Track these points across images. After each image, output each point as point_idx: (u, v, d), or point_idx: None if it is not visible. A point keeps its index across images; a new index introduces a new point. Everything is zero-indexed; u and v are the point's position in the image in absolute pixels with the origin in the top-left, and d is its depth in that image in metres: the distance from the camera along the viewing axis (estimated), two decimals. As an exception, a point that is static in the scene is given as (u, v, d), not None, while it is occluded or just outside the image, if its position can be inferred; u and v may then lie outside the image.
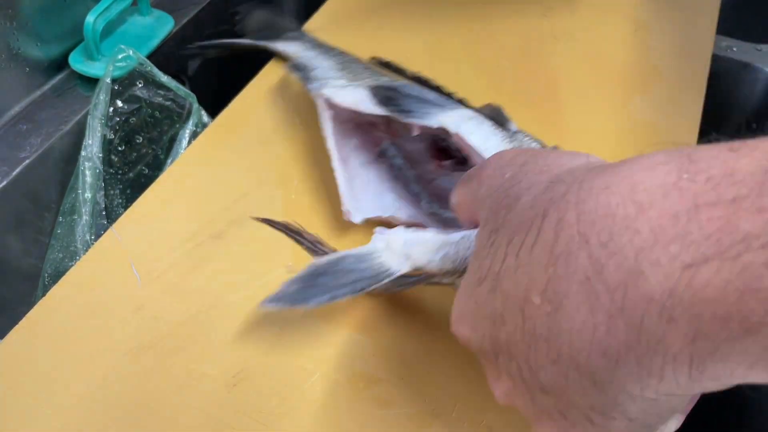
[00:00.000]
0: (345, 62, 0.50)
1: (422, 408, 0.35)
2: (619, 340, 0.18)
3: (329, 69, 0.49)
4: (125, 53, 0.51)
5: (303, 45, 0.54)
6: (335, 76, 0.48)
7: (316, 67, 0.50)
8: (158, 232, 0.43)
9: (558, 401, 0.21)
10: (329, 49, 0.53)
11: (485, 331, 0.23)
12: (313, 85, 0.47)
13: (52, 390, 0.35)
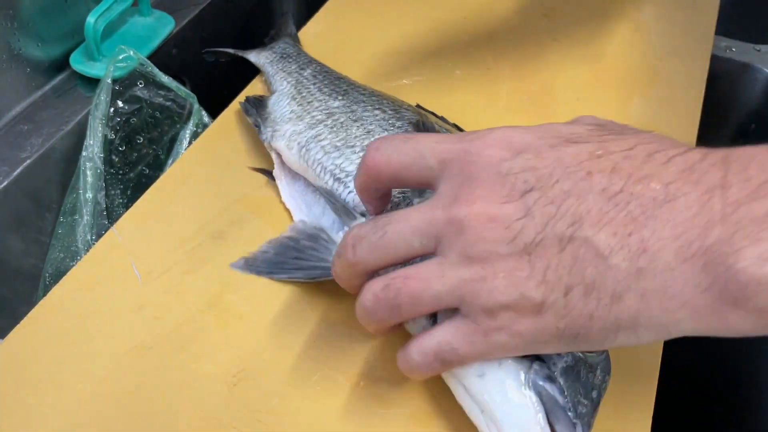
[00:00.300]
0: (300, 88, 0.49)
1: (422, 408, 0.35)
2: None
3: (280, 101, 0.48)
4: (126, 54, 0.52)
5: (271, 55, 0.54)
6: (282, 116, 0.47)
7: (267, 105, 0.49)
8: (159, 232, 0.43)
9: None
10: (292, 64, 0.52)
11: (535, 165, 0.26)
12: (263, 136, 0.47)
13: (52, 390, 0.35)
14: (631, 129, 0.27)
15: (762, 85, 0.62)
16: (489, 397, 0.29)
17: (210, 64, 0.66)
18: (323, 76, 0.50)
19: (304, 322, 0.38)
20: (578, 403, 0.29)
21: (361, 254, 0.29)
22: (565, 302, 0.25)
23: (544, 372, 0.29)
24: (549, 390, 0.29)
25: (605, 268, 0.24)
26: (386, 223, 0.28)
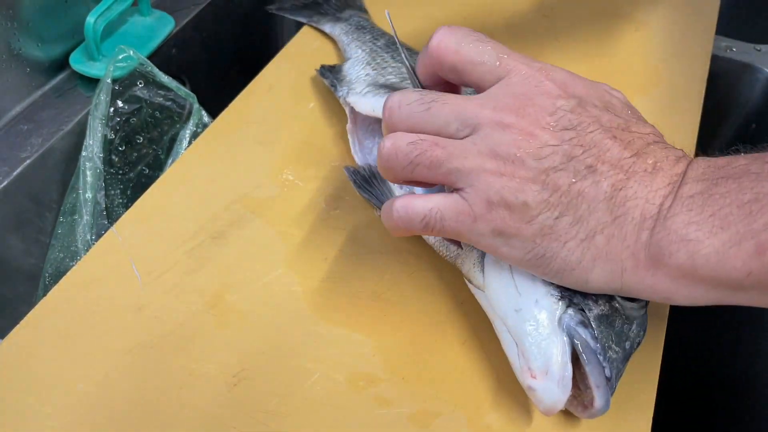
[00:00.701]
0: (374, 55, 0.52)
1: (422, 408, 0.35)
2: None
3: (355, 66, 0.52)
4: (126, 53, 0.52)
5: (346, 27, 0.57)
6: (358, 77, 0.50)
7: (342, 70, 0.52)
8: (159, 232, 0.43)
9: None
10: (366, 35, 0.55)
11: (581, 113, 0.31)
12: (339, 93, 0.50)
13: (52, 390, 0.35)
14: (644, 122, 0.33)
15: (762, 85, 0.62)
16: (522, 330, 0.32)
17: (209, 63, 0.66)
18: (395, 46, 0.53)
19: (304, 322, 0.38)
20: (608, 349, 0.32)
21: (399, 117, 0.32)
22: (553, 223, 0.30)
23: (578, 317, 0.32)
24: (582, 334, 0.31)
25: (596, 208, 0.29)
26: (433, 99, 0.32)
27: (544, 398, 0.31)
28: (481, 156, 0.30)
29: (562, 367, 0.31)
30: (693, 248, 0.28)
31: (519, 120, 0.30)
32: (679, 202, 0.28)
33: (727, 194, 0.27)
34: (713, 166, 0.29)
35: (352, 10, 0.60)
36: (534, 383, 0.31)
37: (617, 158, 0.30)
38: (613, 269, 0.30)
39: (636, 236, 0.29)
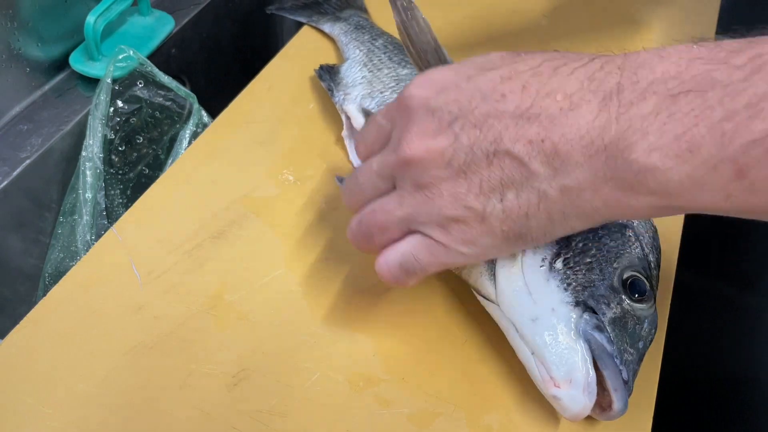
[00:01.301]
0: (371, 56, 0.52)
1: (422, 408, 0.35)
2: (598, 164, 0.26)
3: (352, 68, 0.52)
4: (126, 53, 0.52)
5: (345, 26, 0.57)
6: (354, 81, 0.50)
7: (339, 71, 0.52)
8: (159, 232, 0.43)
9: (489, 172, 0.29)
10: (365, 34, 0.55)
11: (456, 98, 0.29)
12: (335, 98, 0.50)
13: (52, 390, 0.35)
14: (541, 52, 0.30)
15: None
16: (540, 340, 0.32)
17: (209, 63, 0.66)
18: (393, 46, 0.53)
19: (304, 322, 0.38)
20: (624, 351, 0.32)
21: (347, 200, 0.35)
22: (502, 207, 0.29)
23: (593, 322, 0.32)
24: (598, 338, 0.31)
25: (528, 172, 0.28)
26: (358, 173, 0.34)
27: (571, 406, 0.31)
28: (410, 196, 0.31)
29: (585, 374, 0.31)
30: (662, 177, 0.25)
31: (411, 146, 0.30)
32: (626, 127, 0.25)
33: (691, 112, 0.24)
34: (662, 77, 0.25)
35: (352, 9, 0.60)
36: (558, 392, 0.31)
37: (518, 114, 0.28)
38: (586, 213, 0.28)
39: (592, 176, 0.27)
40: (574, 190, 0.27)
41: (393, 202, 0.32)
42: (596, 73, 0.27)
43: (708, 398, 0.61)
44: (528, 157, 0.28)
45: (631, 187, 0.26)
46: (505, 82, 0.28)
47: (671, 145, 0.24)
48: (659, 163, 0.25)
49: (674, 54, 0.25)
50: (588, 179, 0.27)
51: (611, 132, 0.26)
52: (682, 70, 0.25)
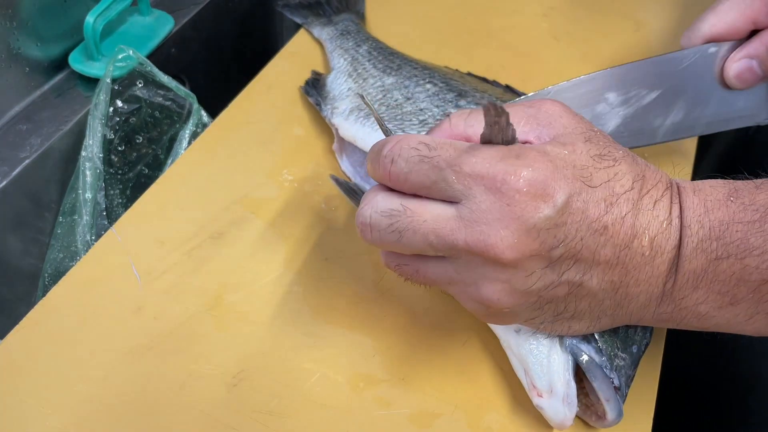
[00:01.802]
0: (356, 65, 0.51)
1: (422, 409, 0.35)
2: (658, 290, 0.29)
3: (338, 78, 0.51)
4: (125, 53, 0.51)
5: (332, 32, 0.56)
6: (341, 93, 0.49)
7: (326, 83, 0.51)
8: (158, 232, 0.43)
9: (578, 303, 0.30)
10: (349, 41, 0.54)
11: (564, 221, 0.28)
12: (324, 112, 0.49)
13: (52, 390, 0.35)
14: (613, 153, 0.30)
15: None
16: (524, 350, 0.33)
17: (209, 63, 0.66)
18: (378, 52, 0.52)
19: (304, 323, 0.38)
20: (615, 357, 0.32)
21: (373, 240, 0.30)
22: (553, 319, 0.30)
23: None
24: (585, 350, 0.32)
25: (597, 302, 0.30)
26: (401, 228, 0.29)
27: (552, 416, 0.32)
28: (466, 285, 0.29)
29: (565, 385, 0.31)
30: (704, 321, 0.30)
31: (498, 253, 0.27)
32: (683, 281, 0.29)
33: (733, 275, 0.28)
34: (709, 235, 0.28)
35: (348, 13, 0.59)
36: (541, 402, 0.32)
37: (612, 253, 0.28)
38: (618, 324, 0.32)
39: (642, 310, 0.30)
40: (624, 318, 0.31)
41: (442, 276, 0.30)
42: (665, 223, 0.29)
43: (708, 398, 0.61)
44: (602, 295, 0.29)
45: (672, 321, 0.31)
46: (608, 208, 0.28)
47: (716, 300, 0.29)
48: (704, 311, 0.29)
49: (716, 208, 0.29)
50: (639, 313, 0.30)
51: (671, 282, 0.29)
52: (724, 231, 0.28)
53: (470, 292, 0.30)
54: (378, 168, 0.30)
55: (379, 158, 0.29)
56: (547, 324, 0.31)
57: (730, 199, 0.29)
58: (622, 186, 0.29)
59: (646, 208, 0.29)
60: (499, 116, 0.28)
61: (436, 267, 0.30)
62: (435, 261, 0.30)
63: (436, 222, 0.28)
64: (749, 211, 0.28)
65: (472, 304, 0.30)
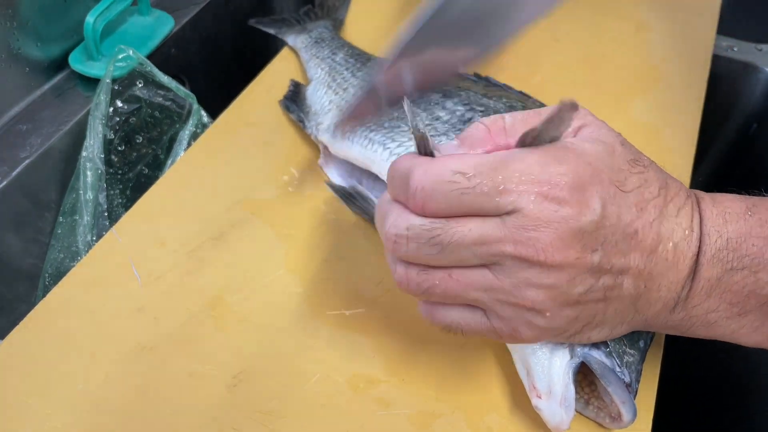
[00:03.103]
0: (334, 75, 0.50)
1: (422, 409, 0.35)
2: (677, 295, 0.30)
3: (317, 91, 0.50)
4: (125, 53, 0.51)
5: (306, 40, 0.55)
6: (322, 107, 0.48)
7: (306, 96, 0.50)
8: (159, 233, 0.43)
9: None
10: (324, 49, 0.53)
11: (603, 224, 0.28)
12: (308, 130, 0.48)
13: (52, 390, 0.35)
14: (643, 159, 0.31)
15: (764, 85, 0.62)
16: (528, 350, 0.33)
17: (209, 63, 0.66)
18: (355, 59, 0.51)
19: (304, 323, 0.38)
20: (624, 354, 0.32)
21: (406, 252, 0.29)
22: (581, 329, 0.30)
23: None
24: (596, 356, 0.32)
25: (623, 308, 0.30)
26: (444, 241, 0.28)
27: (550, 418, 0.32)
28: (507, 293, 0.28)
29: (564, 387, 0.31)
30: (713, 331, 0.31)
31: (547, 256, 0.27)
32: (698, 289, 0.30)
33: (746, 287, 0.29)
34: (726, 245, 0.29)
35: (325, 20, 0.58)
36: (539, 403, 0.32)
37: (643, 256, 0.29)
38: (629, 330, 0.32)
39: (656, 317, 0.31)
40: (639, 325, 0.31)
41: (480, 282, 0.29)
42: (687, 230, 0.30)
43: (708, 398, 0.61)
44: (631, 299, 0.30)
45: (681, 328, 0.31)
46: (639, 213, 0.29)
47: (726, 310, 0.30)
48: (713, 319, 0.30)
49: (734, 221, 0.30)
50: (653, 319, 0.31)
51: (686, 290, 0.30)
52: (741, 243, 0.29)
53: (510, 299, 0.29)
54: (407, 199, 0.28)
55: (408, 191, 0.28)
56: (571, 335, 0.31)
57: (748, 213, 0.30)
58: (651, 193, 0.29)
59: (670, 215, 0.29)
60: (570, 116, 0.28)
61: (472, 272, 0.29)
62: (472, 268, 0.29)
63: (481, 231, 0.28)
64: (766, 227, 0.29)
65: (504, 321, 0.29)
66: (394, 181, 0.29)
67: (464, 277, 0.29)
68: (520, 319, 0.29)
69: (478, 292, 0.29)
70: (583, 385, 0.34)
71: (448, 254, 0.28)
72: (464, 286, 0.29)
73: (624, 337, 0.33)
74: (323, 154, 0.47)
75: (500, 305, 0.29)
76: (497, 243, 0.27)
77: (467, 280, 0.29)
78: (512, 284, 0.28)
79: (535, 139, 0.28)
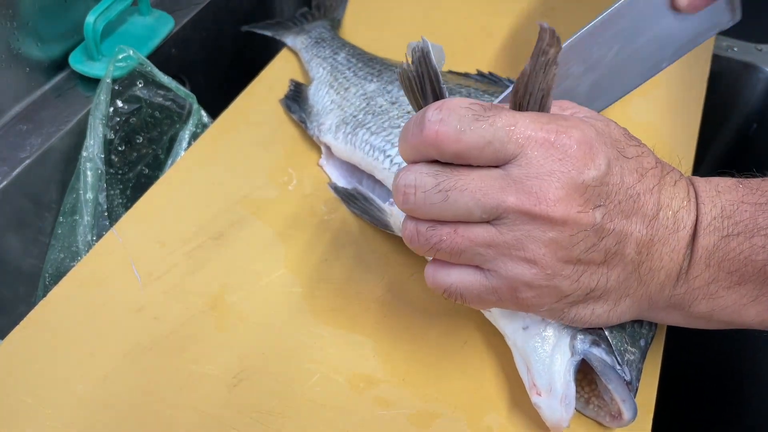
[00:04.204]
0: (336, 74, 0.50)
1: (422, 409, 0.35)
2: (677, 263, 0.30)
3: (319, 91, 0.50)
4: (125, 53, 0.51)
5: (306, 40, 0.55)
6: (324, 107, 0.48)
7: (308, 97, 0.50)
8: (159, 233, 0.43)
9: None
10: (326, 49, 0.53)
11: (606, 182, 0.28)
12: (310, 131, 0.48)
13: (52, 390, 0.35)
14: (637, 139, 0.32)
15: (763, 84, 0.62)
16: (529, 348, 0.33)
17: (209, 63, 0.66)
18: (356, 59, 0.51)
19: (304, 322, 0.38)
20: (625, 352, 0.32)
21: (415, 204, 0.29)
22: (584, 298, 0.30)
23: (589, 338, 0.32)
24: (596, 353, 0.32)
25: (625, 276, 0.30)
26: (449, 187, 0.28)
27: (549, 415, 0.32)
28: (509, 247, 0.29)
29: (564, 385, 0.31)
30: (714, 303, 0.30)
31: (549, 207, 0.27)
32: (696, 258, 0.30)
33: (741, 253, 0.29)
34: (720, 213, 0.30)
35: (322, 20, 0.58)
36: (539, 400, 0.32)
37: (644, 222, 0.29)
38: (632, 314, 0.32)
39: (660, 292, 0.31)
40: (641, 299, 0.31)
41: (484, 236, 0.29)
42: (684, 200, 0.30)
43: (708, 398, 0.61)
44: (633, 265, 0.30)
45: (680, 305, 0.31)
46: (640, 179, 0.29)
47: (725, 279, 0.30)
48: (713, 290, 0.30)
49: (726, 192, 0.31)
50: (656, 294, 0.31)
51: (687, 260, 0.30)
52: (734, 211, 0.30)
53: (512, 252, 0.29)
54: (421, 131, 0.28)
55: (423, 121, 0.28)
56: (573, 307, 0.30)
57: (739, 185, 0.31)
58: (648, 163, 0.30)
59: (668, 184, 0.30)
60: (551, 46, 0.28)
61: (477, 228, 0.29)
62: (476, 224, 0.29)
63: (484, 180, 0.28)
64: (757, 194, 0.30)
65: (504, 280, 0.29)
66: (408, 126, 0.29)
67: (469, 232, 0.29)
68: (521, 277, 0.29)
69: (481, 248, 0.29)
70: (583, 383, 0.34)
71: (453, 204, 0.28)
72: (469, 242, 0.29)
73: (625, 335, 0.33)
74: (325, 154, 0.47)
75: (501, 263, 0.29)
76: (499, 192, 0.28)
77: (471, 235, 0.29)
78: (514, 238, 0.28)
79: (527, 86, 0.29)
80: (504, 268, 0.29)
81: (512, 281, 0.29)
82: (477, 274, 0.30)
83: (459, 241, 0.29)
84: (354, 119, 0.45)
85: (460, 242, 0.29)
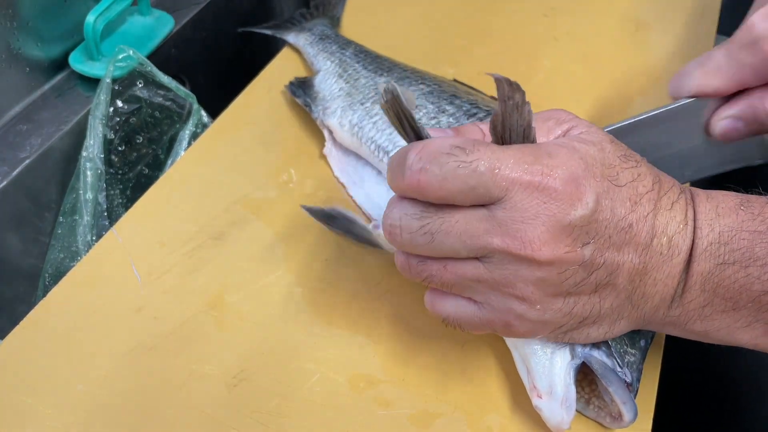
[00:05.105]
0: (345, 66, 0.51)
1: (422, 409, 0.35)
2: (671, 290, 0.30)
3: (327, 80, 0.50)
4: (125, 53, 0.51)
5: (310, 37, 0.56)
6: (332, 94, 0.48)
7: (314, 84, 0.51)
8: (159, 233, 0.43)
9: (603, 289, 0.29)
10: (333, 44, 0.54)
11: (595, 218, 0.28)
12: (314, 114, 0.49)
13: (52, 390, 0.35)
14: (635, 155, 0.31)
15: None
16: (529, 350, 0.33)
17: (209, 63, 0.66)
18: (364, 55, 0.52)
19: (304, 323, 0.38)
20: (625, 354, 0.32)
21: (401, 243, 0.30)
22: (577, 326, 0.30)
23: None
24: (597, 356, 0.32)
25: (618, 303, 0.30)
26: (434, 230, 0.29)
27: (550, 418, 0.32)
28: (497, 284, 0.29)
29: (565, 388, 0.31)
30: (708, 324, 0.30)
31: (534, 252, 0.27)
32: (691, 283, 0.30)
33: (736, 282, 0.29)
34: (718, 239, 0.29)
35: (321, 19, 0.59)
36: (540, 402, 0.32)
37: (636, 252, 0.29)
38: (629, 329, 0.32)
39: (654, 313, 0.31)
40: (635, 320, 0.31)
41: (472, 273, 0.29)
42: (681, 224, 0.30)
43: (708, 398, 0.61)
44: (626, 294, 0.30)
45: (674, 325, 0.31)
46: (633, 207, 0.29)
47: (720, 304, 0.30)
48: (708, 313, 0.30)
49: (726, 215, 0.30)
50: (651, 315, 0.31)
51: (682, 284, 0.30)
52: (732, 237, 0.29)
53: (501, 291, 0.29)
54: (403, 178, 0.28)
55: (405, 167, 0.28)
56: (568, 333, 0.31)
57: (741, 208, 0.30)
58: (644, 186, 0.29)
59: (664, 208, 0.30)
60: (513, 92, 0.27)
61: (466, 264, 0.29)
62: (465, 260, 0.29)
63: (469, 222, 0.28)
64: (757, 221, 0.29)
65: (497, 313, 0.30)
66: (392, 166, 0.29)
67: (457, 269, 0.29)
68: (512, 311, 0.29)
69: (471, 284, 0.29)
70: (583, 384, 0.34)
71: (439, 245, 0.29)
72: (458, 277, 0.29)
73: (625, 336, 0.33)
74: (328, 141, 0.47)
75: (492, 297, 0.30)
76: (485, 235, 0.28)
77: (460, 271, 0.29)
78: (502, 276, 0.28)
79: (504, 125, 0.28)
80: (495, 301, 0.30)
81: (504, 315, 0.30)
82: (471, 306, 0.31)
83: (448, 276, 0.30)
84: (362, 107, 0.46)
85: (450, 277, 0.30)
